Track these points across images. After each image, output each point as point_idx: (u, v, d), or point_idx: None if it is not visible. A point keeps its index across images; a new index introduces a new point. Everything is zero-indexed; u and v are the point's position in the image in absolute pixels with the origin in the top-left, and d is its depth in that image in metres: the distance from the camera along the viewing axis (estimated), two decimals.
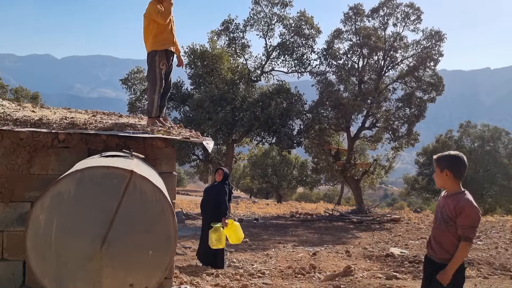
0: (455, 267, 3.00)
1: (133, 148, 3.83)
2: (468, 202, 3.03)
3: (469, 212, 2.99)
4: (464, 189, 3.17)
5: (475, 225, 3.02)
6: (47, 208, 2.58)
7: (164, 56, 4.55)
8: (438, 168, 3.18)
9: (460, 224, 3.00)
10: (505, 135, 33.06)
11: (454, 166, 3.13)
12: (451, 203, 3.09)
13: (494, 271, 7.77)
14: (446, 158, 3.17)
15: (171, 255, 2.78)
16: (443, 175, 3.14)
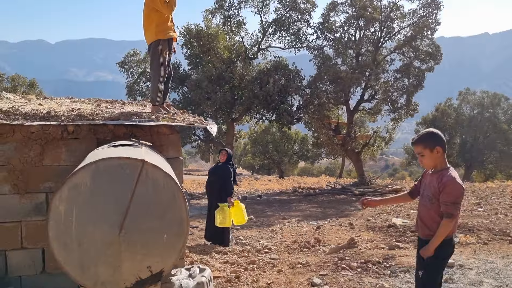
0: (436, 243, 3.00)
1: (140, 136, 3.96)
2: (451, 179, 3.01)
3: (452, 189, 2.98)
4: (449, 165, 3.16)
5: (458, 201, 3.00)
6: (66, 199, 2.73)
7: (166, 45, 4.62)
8: (428, 149, 3.10)
9: (443, 200, 2.99)
10: (505, 101, 33.19)
11: (442, 141, 3.12)
12: (435, 180, 3.08)
13: (494, 236, 7.99)
14: (433, 136, 3.14)
15: (184, 238, 2.95)
16: (434, 153, 3.09)
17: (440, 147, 3.09)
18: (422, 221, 3.20)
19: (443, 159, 3.12)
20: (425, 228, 3.15)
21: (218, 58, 20.86)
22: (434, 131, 3.18)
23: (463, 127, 32.08)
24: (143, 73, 21.70)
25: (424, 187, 3.24)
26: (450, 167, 3.13)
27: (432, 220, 3.09)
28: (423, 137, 3.16)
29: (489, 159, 31.63)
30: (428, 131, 3.22)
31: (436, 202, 3.04)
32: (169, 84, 4.90)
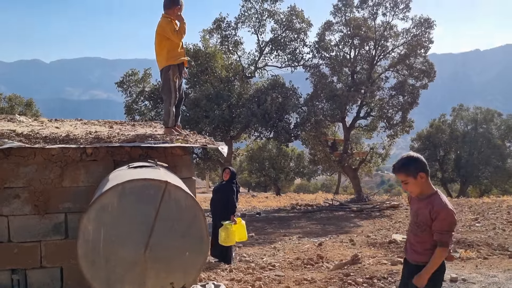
0: (430, 271, 2.93)
1: (155, 157, 4.13)
2: (443, 206, 2.92)
3: (445, 216, 2.90)
4: (436, 189, 3.07)
5: (452, 229, 2.93)
6: (94, 219, 2.88)
7: (177, 70, 4.83)
8: (411, 176, 2.99)
9: (436, 229, 2.90)
10: (498, 116, 33.61)
11: (424, 166, 3.02)
12: (426, 208, 2.98)
13: (493, 251, 8.15)
14: (414, 162, 3.02)
15: (204, 255, 3.09)
16: (418, 180, 2.98)
17: (423, 173, 2.99)
18: (412, 247, 3.11)
19: (428, 183, 3.03)
20: (415, 254, 3.06)
21: (216, 77, 21.16)
22: (414, 156, 3.06)
23: (457, 143, 32.42)
24: (141, 93, 21.91)
25: (413, 214, 3.13)
26: (438, 191, 3.05)
27: (423, 247, 3.00)
28: (404, 165, 3.03)
29: (484, 174, 31.90)
30: (408, 156, 3.08)
31: (428, 229, 2.95)
32: (181, 107, 5.09)
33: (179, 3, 4.82)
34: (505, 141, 32.78)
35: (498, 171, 31.14)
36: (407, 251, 3.17)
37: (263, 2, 21.61)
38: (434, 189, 3.04)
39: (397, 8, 20.73)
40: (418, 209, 3.04)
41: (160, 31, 4.78)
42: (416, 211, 3.07)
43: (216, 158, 22.77)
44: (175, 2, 4.81)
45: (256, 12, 21.80)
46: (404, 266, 3.26)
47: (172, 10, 4.80)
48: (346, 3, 21.13)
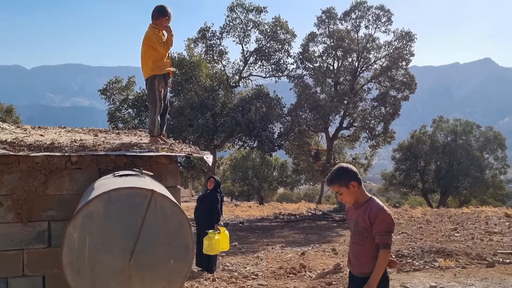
0: (378, 276, 2.91)
1: (140, 166, 4.15)
2: (379, 208, 2.98)
3: (383, 218, 2.93)
4: (371, 195, 3.12)
5: (391, 230, 2.95)
6: (80, 227, 2.89)
7: (162, 80, 4.88)
8: (344, 187, 3.04)
9: (376, 231, 2.92)
10: (476, 128, 34.35)
11: (354, 174, 3.06)
12: (364, 213, 3.01)
13: (471, 260, 8.32)
14: (344, 173, 3.07)
15: (190, 263, 3.12)
16: (351, 189, 3.04)
17: (354, 181, 3.03)
18: (356, 258, 3.08)
19: (361, 191, 3.08)
20: (360, 265, 3.04)
21: (200, 86, 21.23)
22: (344, 167, 3.12)
23: (438, 154, 32.99)
24: (125, 100, 21.82)
25: (353, 224, 3.12)
26: (372, 197, 3.10)
27: (366, 255, 2.98)
28: (335, 176, 3.09)
29: (463, 185, 32.49)
30: (338, 168, 3.14)
31: (369, 236, 2.95)
32: (166, 116, 5.13)
33: (166, 14, 4.87)
34: (484, 152, 33.50)
35: (477, 182, 31.77)
36: (352, 265, 3.14)
37: (248, 12, 21.84)
38: (368, 195, 3.11)
39: (379, 21, 21.18)
40: (357, 217, 3.07)
41: (146, 41, 4.82)
42: (355, 220, 3.09)
43: (200, 167, 22.75)
44: (162, 12, 4.86)
45: (241, 22, 22.01)
46: (350, 280, 3.21)
47: (160, 20, 4.84)
48: (330, 15, 21.51)
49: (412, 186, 34.07)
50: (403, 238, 12.13)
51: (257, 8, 21.80)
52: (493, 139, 33.48)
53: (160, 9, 4.89)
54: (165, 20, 4.83)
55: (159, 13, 4.86)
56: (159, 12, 4.86)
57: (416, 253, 8.96)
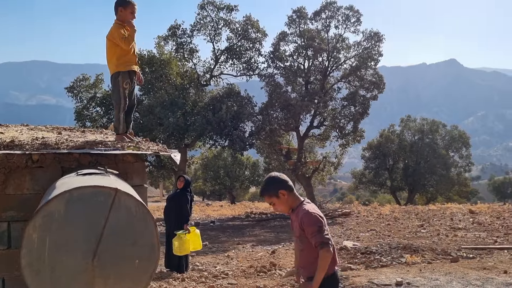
0: (320, 277, 2.88)
1: (105, 164, 4.04)
2: (304, 212, 2.97)
3: (309, 220, 2.93)
4: (304, 198, 3.12)
5: (321, 227, 2.92)
6: (40, 227, 2.78)
7: (127, 76, 4.76)
8: (274, 197, 3.06)
9: (308, 234, 2.93)
10: (442, 127, 35.33)
11: (283, 183, 3.06)
12: (296, 220, 3.04)
13: (437, 256, 8.55)
14: (272, 183, 3.08)
15: (155, 263, 3.06)
16: (281, 198, 3.04)
17: (283, 190, 3.04)
18: (301, 265, 3.10)
19: (293, 198, 3.08)
20: (306, 269, 3.04)
21: (171, 84, 20.99)
22: (271, 177, 3.12)
23: (405, 152, 33.75)
24: (93, 98, 21.35)
25: (294, 230, 3.15)
26: (304, 201, 3.09)
27: (309, 259, 2.99)
28: (264, 188, 3.11)
29: (430, 182, 33.36)
30: (267, 178, 3.14)
31: (306, 239, 2.97)
32: (132, 113, 5.02)
33: (123, 3, 4.72)
34: (449, 151, 34.50)
35: (443, 180, 32.68)
36: (299, 273, 3.15)
37: (219, 11, 21.74)
38: (299, 200, 3.09)
39: (349, 21, 21.45)
40: (293, 222, 3.10)
41: (109, 36, 4.71)
42: (293, 226, 3.12)
43: (170, 166, 22.50)
44: (121, 4, 4.73)
45: (211, 21, 21.88)
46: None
47: (120, 13, 4.72)
48: (300, 15, 21.65)
49: (381, 184, 34.76)
50: (371, 235, 12.35)
51: (228, 7, 21.72)
52: (458, 138, 34.53)
53: (117, 1, 4.77)
54: (125, 11, 4.69)
55: (117, 4, 4.74)
56: (117, 4, 4.74)
57: (384, 250, 9.13)
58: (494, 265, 7.24)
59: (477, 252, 8.80)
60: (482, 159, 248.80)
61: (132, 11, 4.76)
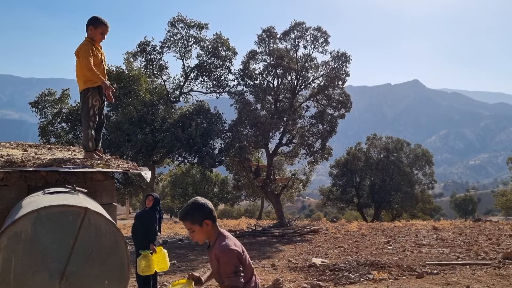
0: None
1: (73, 182, 3.97)
2: (223, 248, 2.75)
3: (227, 259, 2.71)
4: (221, 230, 2.91)
5: (238, 269, 2.72)
6: (5, 249, 2.69)
7: (96, 93, 4.72)
8: (197, 225, 2.81)
9: (224, 273, 2.73)
10: (407, 146, 36.30)
11: (209, 212, 2.84)
12: (213, 253, 2.85)
13: (403, 272, 8.72)
14: (199, 210, 2.82)
15: (125, 283, 3.01)
16: (204, 227, 2.82)
17: (209, 220, 2.82)
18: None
19: (214, 229, 2.86)
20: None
21: (140, 100, 20.78)
22: (200, 203, 2.85)
23: (372, 170, 34.43)
24: (58, 114, 20.84)
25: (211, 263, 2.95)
26: (221, 233, 2.87)
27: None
28: (188, 212, 2.82)
29: (395, 199, 34.06)
30: (194, 203, 2.85)
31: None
32: (102, 130, 4.97)
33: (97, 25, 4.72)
34: (413, 168, 35.41)
35: (407, 197, 33.44)
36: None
37: (189, 28, 21.81)
38: (218, 232, 2.88)
39: (317, 41, 21.92)
40: (210, 258, 2.90)
41: (76, 53, 4.69)
42: (210, 261, 2.92)
43: (138, 183, 22.12)
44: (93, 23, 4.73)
45: (182, 38, 21.93)
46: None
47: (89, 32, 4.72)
48: (270, 34, 21.99)
49: (348, 201, 35.24)
50: (340, 252, 12.47)
51: (199, 25, 21.85)
52: (421, 156, 35.52)
53: (89, 20, 4.77)
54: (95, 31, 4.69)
55: (88, 23, 4.74)
56: (89, 22, 4.74)
57: (352, 266, 9.24)
58: (457, 280, 7.45)
59: (441, 268, 9.03)
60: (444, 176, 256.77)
61: (103, 32, 4.75)
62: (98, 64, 4.78)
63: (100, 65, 4.78)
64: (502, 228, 16.25)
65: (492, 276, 7.73)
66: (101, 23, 4.72)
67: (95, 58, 4.69)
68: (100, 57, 4.82)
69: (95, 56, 4.70)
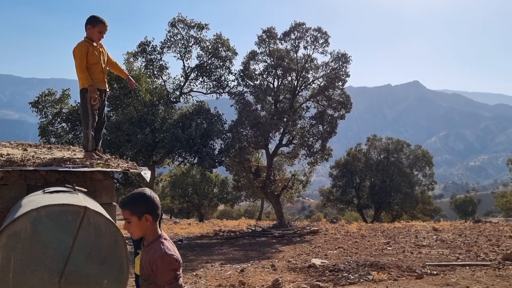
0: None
1: (73, 182, 3.97)
2: (161, 254, 2.49)
3: (166, 266, 2.46)
4: (162, 233, 2.63)
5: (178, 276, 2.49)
6: (4, 247, 2.70)
7: (96, 93, 4.72)
8: (135, 216, 2.53)
9: (163, 282, 2.46)
10: (407, 147, 36.30)
11: (153, 207, 2.57)
12: (147, 256, 2.56)
13: (402, 273, 8.71)
14: (142, 201, 2.55)
15: (124, 283, 3.01)
16: (143, 222, 2.54)
17: (149, 215, 2.54)
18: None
19: (153, 228, 2.58)
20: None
21: (140, 100, 20.78)
22: (145, 194, 2.58)
23: (372, 171, 34.42)
24: (58, 114, 20.84)
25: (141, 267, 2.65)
26: (161, 236, 2.60)
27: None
28: (131, 202, 2.55)
29: (395, 200, 34.06)
30: (138, 193, 2.59)
31: (153, 282, 2.51)
32: (102, 130, 4.97)
33: (95, 24, 4.72)
34: (413, 169, 35.41)
35: (407, 198, 33.44)
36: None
37: (189, 28, 21.82)
38: (157, 234, 2.60)
39: (317, 42, 21.91)
40: (143, 258, 2.61)
41: (73, 52, 4.70)
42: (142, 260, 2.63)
43: (138, 183, 22.09)
44: (91, 22, 4.73)
45: (182, 38, 21.93)
46: None
47: (87, 32, 4.73)
48: (270, 34, 21.98)
49: (348, 202, 35.23)
50: (339, 252, 12.46)
51: (199, 25, 21.85)
52: (421, 157, 35.51)
53: (87, 19, 4.77)
54: (93, 29, 4.69)
55: (87, 22, 4.74)
56: (87, 21, 4.74)
57: (352, 267, 9.23)
58: (457, 281, 7.45)
59: (441, 268, 9.03)
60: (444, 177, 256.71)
61: (101, 31, 4.75)
62: (95, 64, 4.78)
63: (98, 64, 4.78)
64: (502, 229, 16.25)
65: (492, 277, 7.73)
66: (99, 21, 4.72)
67: (91, 57, 4.69)
68: (98, 56, 4.82)
69: (92, 56, 4.70)
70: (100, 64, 4.80)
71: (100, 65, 4.82)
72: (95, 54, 4.77)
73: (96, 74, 4.77)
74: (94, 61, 4.75)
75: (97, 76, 4.80)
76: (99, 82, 4.81)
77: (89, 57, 4.69)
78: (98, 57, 4.82)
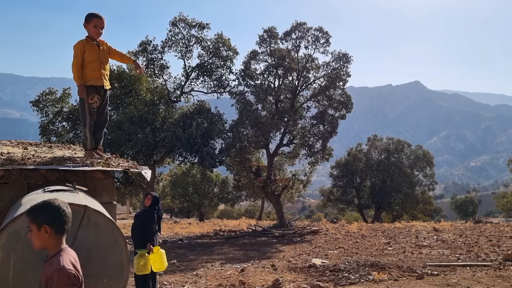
0: None
1: (73, 181, 3.97)
2: (57, 267, 2.26)
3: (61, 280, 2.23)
4: (65, 246, 2.40)
5: None
6: (4, 246, 2.70)
7: (94, 92, 4.70)
8: (34, 225, 2.34)
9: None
10: (407, 147, 36.29)
11: (54, 219, 2.34)
12: (46, 270, 2.33)
13: (403, 273, 8.70)
14: (44, 211, 2.35)
15: (124, 282, 3.01)
16: (41, 232, 2.33)
17: (48, 227, 2.33)
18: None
19: (54, 241, 2.36)
20: None
21: (140, 100, 20.78)
22: (51, 204, 2.37)
23: (372, 171, 34.41)
24: (59, 113, 20.84)
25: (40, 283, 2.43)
26: (64, 249, 2.38)
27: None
28: (34, 210, 2.36)
29: (396, 201, 34.05)
30: (44, 202, 2.40)
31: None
32: (103, 130, 4.96)
33: (89, 20, 4.70)
34: (414, 170, 35.39)
35: (408, 198, 33.42)
36: None
37: (190, 28, 21.80)
38: (59, 248, 2.38)
39: (318, 42, 21.90)
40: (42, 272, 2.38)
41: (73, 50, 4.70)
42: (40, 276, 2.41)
43: (138, 183, 22.09)
44: (85, 19, 4.72)
45: (183, 38, 21.91)
46: None
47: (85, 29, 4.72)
48: (271, 34, 21.97)
49: (348, 202, 35.22)
50: (340, 252, 12.46)
51: (200, 24, 21.83)
52: (422, 157, 35.49)
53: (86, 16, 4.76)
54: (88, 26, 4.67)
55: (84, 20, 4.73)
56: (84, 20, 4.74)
57: (352, 267, 9.23)
58: (457, 281, 7.43)
59: (441, 269, 9.02)
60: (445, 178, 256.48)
61: (96, 25, 4.69)
62: (92, 61, 4.75)
63: (95, 62, 4.75)
64: (503, 230, 16.24)
65: (492, 278, 7.72)
66: (92, 16, 4.70)
67: (88, 55, 4.67)
68: (96, 54, 4.78)
69: (89, 54, 4.68)
70: (97, 61, 4.77)
71: (98, 62, 4.79)
72: (93, 52, 4.75)
73: (92, 71, 4.74)
74: (91, 59, 4.73)
75: (94, 73, 4.77)
76: (95, 79, 4.78)
77: (86, 55, 4.67)
78: (95, 55, 4.78)
